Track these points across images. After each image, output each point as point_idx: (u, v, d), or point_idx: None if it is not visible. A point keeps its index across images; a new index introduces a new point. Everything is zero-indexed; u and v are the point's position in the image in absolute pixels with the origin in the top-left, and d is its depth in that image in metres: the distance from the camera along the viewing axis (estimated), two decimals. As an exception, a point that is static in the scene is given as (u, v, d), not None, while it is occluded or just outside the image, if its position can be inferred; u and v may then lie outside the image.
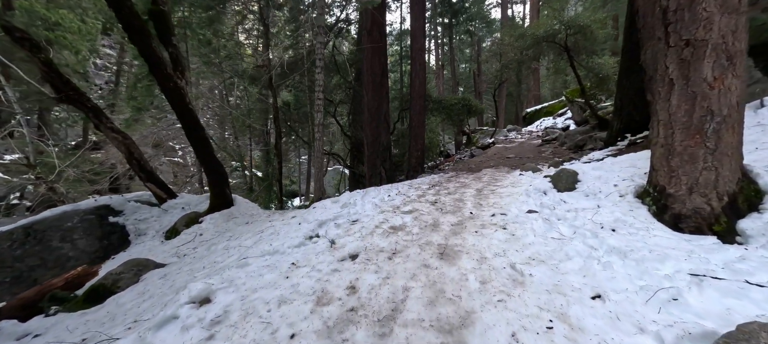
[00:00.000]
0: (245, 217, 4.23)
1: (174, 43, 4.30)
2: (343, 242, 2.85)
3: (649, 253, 2.15)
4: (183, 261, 3.19)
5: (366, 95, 8.55)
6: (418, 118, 8.39)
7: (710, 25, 2.55)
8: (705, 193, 2.60)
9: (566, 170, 4.05)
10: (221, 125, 13.78)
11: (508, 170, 6.98)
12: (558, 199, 3.66)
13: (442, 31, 22.01)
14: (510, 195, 4.23)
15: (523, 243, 2.63)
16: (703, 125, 2.61)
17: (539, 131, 14.37)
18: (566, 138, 10.21)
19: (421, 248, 2.64)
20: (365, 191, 4.54)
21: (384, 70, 8.70)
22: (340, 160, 11.25)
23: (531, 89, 19.97)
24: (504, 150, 11.14)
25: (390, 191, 4.88)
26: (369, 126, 8.44)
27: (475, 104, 10.67)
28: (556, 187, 3.98)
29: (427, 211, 3.76)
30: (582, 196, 3.59)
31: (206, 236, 3.78)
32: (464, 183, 5.53)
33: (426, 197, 4.50)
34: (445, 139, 17.88)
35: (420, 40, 8.38)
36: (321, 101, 5.28)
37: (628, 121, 6.70)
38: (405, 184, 5.72)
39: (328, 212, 3.64)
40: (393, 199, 4.37)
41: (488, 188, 4.94)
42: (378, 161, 8.46)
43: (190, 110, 4.16)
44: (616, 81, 7.21)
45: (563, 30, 9.38)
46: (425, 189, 5.13)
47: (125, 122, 11.46)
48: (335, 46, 10.27)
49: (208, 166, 4.39)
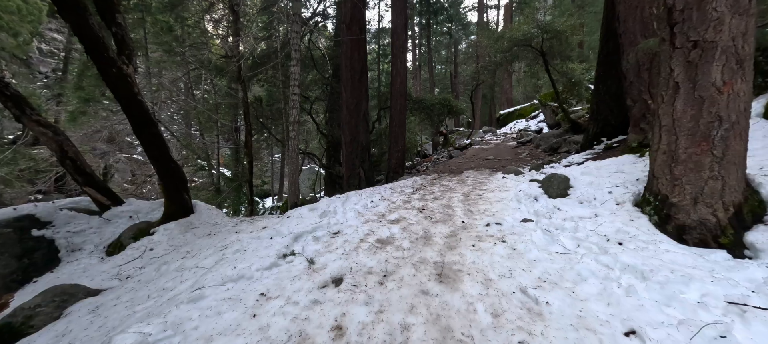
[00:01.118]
0: (207, 227, 3.62)
1: (120, 22, 3.57)
2: (323, 261, 2.40)
3: (671, 274, 1.90)
4: (124, 287, 2.57)
5: (344, 92, 8.05)
6: (399, 117, 8.03)
7: (721, 26, 2.37)
8: (710, 203, 2.44)
9: (557, 175, 3.85)
10: (187, 121, 12.62)
11: (490, 173, 6.81)
12: (551, 206, 3.43)
13: (419, 31, 21.87)
14: (500, 201, 3.96)
15: (528, 260, 2.32)
16: (710, 131, 2.44)
17: (514, 132, 14.58)
18: (541, 140, 10.33)
19: (415, 269, 2.25)
20: (346, 197, 4.09)
21: (363, 66, 8.24)
22: (315, 159, 10.64)
23: (504, 92, 20.36)
24: (481, 151, 11.09)
25: (372, 195, 4.47)
26: (347, 124, 7.95)
27: (455, 104, 10.52)
28: (548, 193, 3.77)
29: (416, 220, 3.39)
30: (576, 203, 3.38)
31: (158, 252, 3.15)
32: (449, 187, 5.23)
33: (412, 203, 4.12)
34: (422, 139, 17.73)
35: (401, 36, 8.01)
36: (297, 97, 4.74)
37: (604, 125, 6.77)
38: (387, 187, 5.32)
39: (305, 223, 3.15)
40: (377, 205, 3.95)
41: (475, 192, 4.67)
42: (357, 162, 8.00)
43: (138, 101, 3.47)
44: (593, 86, 7.28)
45: (540, 34, 9.44)
46: (409, 194, 4.76)
47: (70, 115, 10.07)
48: (312, 41, 9.65)
49: (162, 167, 3.71)
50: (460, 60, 21.69)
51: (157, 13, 9.41)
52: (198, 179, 13.24)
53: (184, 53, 9.02)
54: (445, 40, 22.64)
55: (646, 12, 5.13)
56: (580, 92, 10.67)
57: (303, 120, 12.40)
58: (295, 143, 4.80)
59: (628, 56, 5.18)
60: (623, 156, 4.92)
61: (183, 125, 13.25)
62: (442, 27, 20.11)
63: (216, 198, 9.38)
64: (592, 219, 2.94)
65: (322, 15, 12.23)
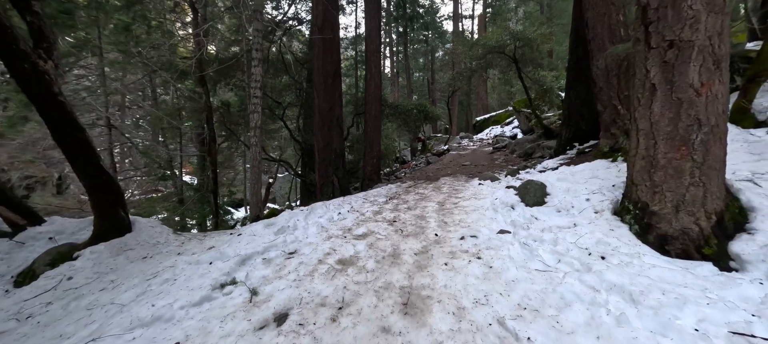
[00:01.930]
0: (145, 248, 3.09)
1: (36, 10, 3.03)
2: (269, 290, 1.99)
3: (663, 295, 1.67)
4: (19, 330, 2.04)
5: (317, 97, 7.65)
6: (374, 123, 7.72)
7: (697, 24, 2.24)
8: (693, 211, 2.28)
9: (534, 182, 3.65)
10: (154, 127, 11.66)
11: (467, 179, 6.62)
12: (529, 215, 3.20)
13: (397, 38, 21.87)
14: (475, 210, 3.71)
15: (506, 281, 2.04)
16: (689, 135, 2.29)
17: (489, 138, 14.70)
18: (516, 146, 10.37)
19: (378, 297, 1.90)
20: (310, 209, 3.69)
21: (336, 71, 7.89)
22: (289, 168, 10.11)
23: (480, 99, 20.66)
24: (458, 157, 11.00)
25: (341, 206, 4.09)
26: (320, 131, 7.54)
27: (431, 110, 10.37)
28: (525, 201, 3.55)
29: (385, 234, 3.05)
30: (554, 212, 3.17)
31: (77, 281, 2.60)
32: (424, 195, 4.95)
33: (383, 214, 3.79)
34: (400, 145, 17.54)
35: (375, 40, 7.75)
36: (258, 100, 4.31)
37: (576, 130, 6.79)
38: (359, 197, 4.96)
39: (257, 242, 2.73)
40: (344, 218, 3.58)
41: (450, 200, 4.41)
42: (330, 169, 7.59)
43: (58, 102, 2.92)
44: (564, 92, 7.32)
45: (512, 42, 9.52)
46: (382, 203, 4.42)
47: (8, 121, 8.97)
48: (283, 44, 9.20)
49: (91, 180, 3.15)
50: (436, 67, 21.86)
51: (112, 13, 8.63)
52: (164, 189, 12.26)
53: (142, 54, 8.28)
54: (422, 48, 22.78)
55: (614, 18, 5.15)
56: (551, 99, 10.87)
57: (277, 127, 11.82)
58: (256, 151, 4.35)
59: (597, 62, 5.17)
60: (596, 161, 4.85)
61: (150, 132, 12.27)
62: (419, 35, 20.20)
63: (178, 209, 8.62)
64: (571, 230, 2.73)
65: (296, 19, 11.81)
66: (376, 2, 7.91)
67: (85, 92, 8.94)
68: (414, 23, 17.80)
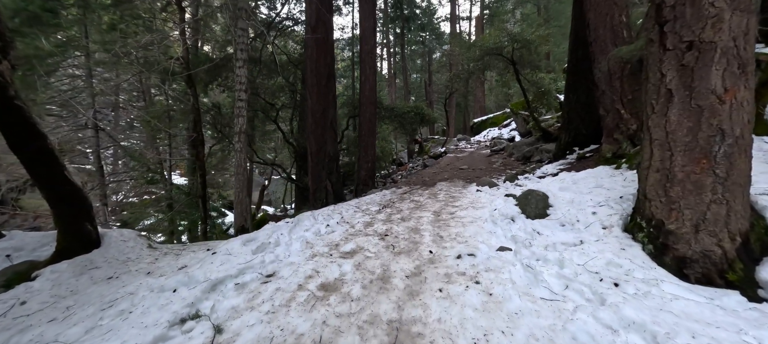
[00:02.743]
0: (114, 266, 2.80)
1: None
2: (237, 327, 1.72)
3: (693, 340, 1.41)
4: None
5: (310, 99, 7.38)
6: (369, 125, 7.45)
7: (719, 23, 1.99)
8: (714, 232, 2.03)
9: (535, 192, 3.40)
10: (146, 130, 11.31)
11: (464, 184, 6.37)
12: (531, 230, 2.95)
13: (394, 40, 21.62)
14: (473, 222, 3.45)
15: (508, 313, 1.78)
16: (711, 146, 2.04)
17: (487, 141, 14.47)
18: (514, 149, 10.15)
19: (361, 336, 1.64)
20: (296, 222, 3.42)
21: (330, 72, 7.62)
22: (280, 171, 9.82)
23: (477, 101, 20.46)
24: (456, 160, 10.76)
25: (330, 217, 3.82)
26: (313, 133, 7.26)
27: (427, 112, 10.11)
28: (526, 212, 3.30)
29: (375, 251, 2.78)
30: (557, 226, 2.92)
31: (30, 307, 2.32)
32: (419, 203, 4.69)
33: (374, 226, 3.52)
34: (397, 147, 17.28)
35: (370, 41, 7.48)
36: (244, 103, 4.03)
37: (576, 134, 6.56)
38: (351, 205, 4.69)
39: (232, 263, 2.44)
40: (332, 231, 3.31)
41: (446, 210, 4.15)
42: (323, 173, 7.31)
43: (15, 106, 2.63)
44: (563, 95, 7.09)
45: (510, 43, 9.29)
46: (374, 213, 4.16)
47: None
48: (275, 44, 8.91)
49: (53, 191, 2.86)
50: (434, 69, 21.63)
51: (99, 10, 8.31)
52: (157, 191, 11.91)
53: (131, 54, 7.97)
54: (419, 49, 22.56)
55: (617, 19, 4.92)
56: (549, 101, 10.66)
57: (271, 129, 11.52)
58: (241, 157, 4.07)
59: (599, 65, 4.94)
60: (599, 168, 4.62)
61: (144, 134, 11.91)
62: (416, 36, 19.96)
63: (166, 215, 8.31)
64: (578, 248, 2.47)
65: (290, 19, 11.52)
66: (372, 2, 7.66)
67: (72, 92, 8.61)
68: (411, 24, 17.55)
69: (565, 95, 6.90)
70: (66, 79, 9.13)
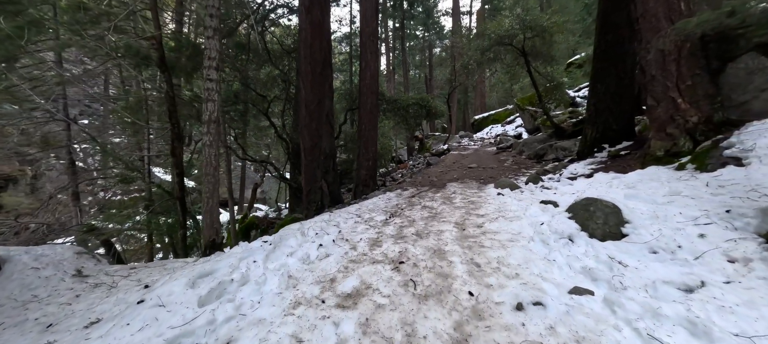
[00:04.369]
0: (6, 310, 1.85)
1: None
2: None
3: None
4: None
5: (303, 89, 6.39)
6: (370, 118, 6.50)
7: None
8: None
9: (599, 202, 2.49)
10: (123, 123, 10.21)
11: (479, 186, 5.47)
12: (606, 257, 2.04)
13: (393, 34, 20.59)
14: (513, 241, 2.54)
15: None
16: None
17: (491, 138, 13.59)
18: (523, 146, 9.27)
19: None
20: (277, 242, 2.47)
21: (327, 59, 6.64)
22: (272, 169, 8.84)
23: (479, 96, 19.56)
24: (461, 158, 9.85)
25: (324, 231, 2.87)
26: (307, 127, 6.28)
27: (433, 104, 9.15)
28: (587, 229, 2.39)
29: (389, 291, 1.86)
30: (646, 253, 2.02)
31: None
32: (434, 210, 3.77)
33: (383, 247, 2.59)
34: (397, 144, 16.34)
35: (371, 22, 6.51)
36: (214, 84, 3.08)
37: (605, 129, 5.67)
38: (351, 212, 3.76)
39: (161, 326, 1.47)
40: (326, 254, 2.37)
41: (470, 220, 3.23)
42: (318, 172, 6.36)
43: None
44: (589, 85, 6.20)
45: (522, 32, 8.37)
46: (381, 224, 3.23)
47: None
48: (265, 29, 7.90)
49: None
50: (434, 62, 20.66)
51: (66, -12, 7.23)
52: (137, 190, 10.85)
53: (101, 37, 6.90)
54: (418, 44, 21.58)
55: (672, -10, 4.01)
56: (561, 96, 9.77)
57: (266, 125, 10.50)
58: (212, 152, 3.11)
59: (649, 45, 4.03)
60: (650, 169, 3.73)
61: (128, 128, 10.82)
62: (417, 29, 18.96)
63: (143, 219, 7.29)
64: (702, 296, 1.57)
65: (285, 5, 10.48)
66: (373, -21, 6.66)
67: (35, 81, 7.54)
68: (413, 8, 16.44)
69: (591, 85, 6.01)
70: (30, 65, 8.03)
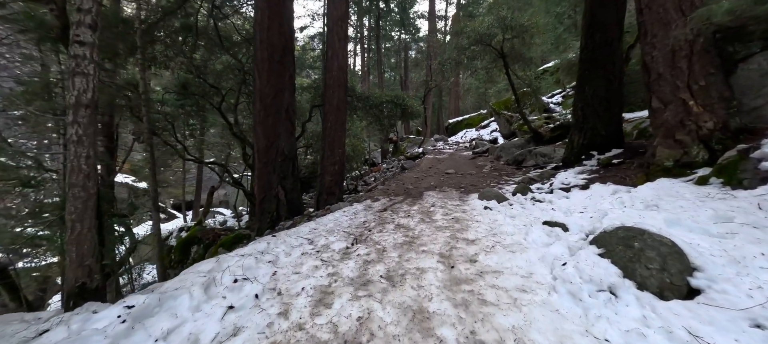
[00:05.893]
0: None
1: None
2: None
3: None
4: None
5: (259, 79, 5.23)
6: (337, 115, 5.50)
7: None
8: None
9: (648, 235, 1.73)
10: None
11: (460, 196, 4.68)
12: (684, 334, 1.24)
13: (368, 34, 19.64)
14: (526, 291, 1.71)
15: None
16: None
17: (466, 142, 13.10)
18: (501, 152, 8.73)
19: None
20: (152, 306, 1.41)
21: (287, 45, 5.56)
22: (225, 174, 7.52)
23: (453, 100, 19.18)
24: (437, 162, 9.13)
25: (248, 279, 1.86)
26: (262, 125, 5.14)
27: (409, 103, 8.31)
28: (634, 277, 1.62)
29: None
30: (747, 327, 1.24)
31: None
32: (410, 232, 2.86)
33: (333, 309, 1.63)
34: (370, 146, 15.37)
35: (341, 6, 5.52)
36: (87, 49, 1.95)
37: (593, 135, 5.14)
38: (302, 236, 2.75)
39: None
40: (233, 335, 1.37)
41: (459, 249, 2.37)
42: (274, 177, 5.24)
43: None
44: (576, 88, 5.68)
45: (501, 32, 7.82)
46: (338, 259, 2.26)
47: None
48: (216, 7, 6.62)
49: None
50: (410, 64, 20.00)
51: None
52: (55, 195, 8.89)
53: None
54: (394, 46, 20.83)
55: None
56: (538, 101, 9.41)
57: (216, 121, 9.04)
58: (82, 152, 1.99)
59: (656, 40, 3.46)
60: (662, 182, 3.12)
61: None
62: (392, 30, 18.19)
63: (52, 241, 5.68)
64: None
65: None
66: (342, -44, 5.67)
67: None
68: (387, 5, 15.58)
69: (578, 88, 5.49)
70: None
